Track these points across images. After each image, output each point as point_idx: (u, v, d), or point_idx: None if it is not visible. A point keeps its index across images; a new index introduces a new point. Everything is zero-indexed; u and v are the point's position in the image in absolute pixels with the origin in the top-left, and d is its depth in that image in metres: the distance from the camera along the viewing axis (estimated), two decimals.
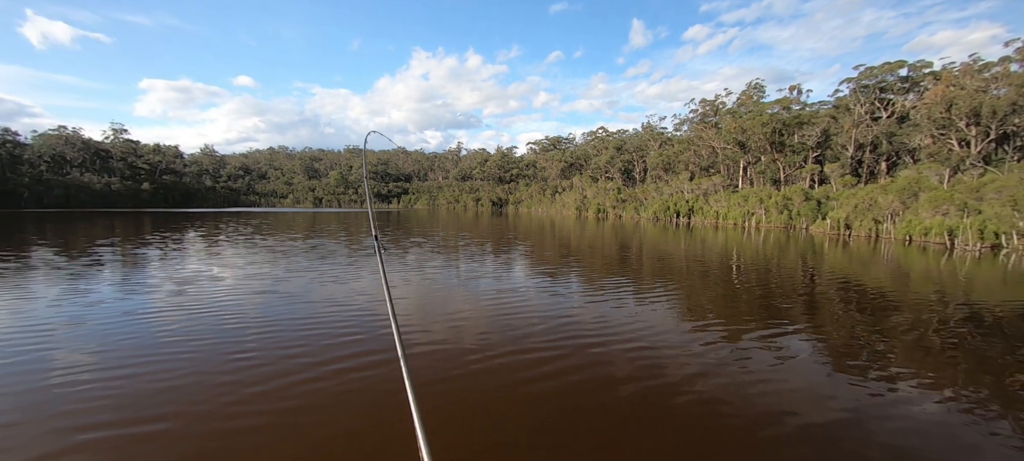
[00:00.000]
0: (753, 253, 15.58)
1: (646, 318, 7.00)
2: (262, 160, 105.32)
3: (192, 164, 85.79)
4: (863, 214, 21.91)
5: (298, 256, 13.83)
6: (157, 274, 10.50)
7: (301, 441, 3.64)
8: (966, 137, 26.55)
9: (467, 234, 23.07)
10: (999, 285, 9.86)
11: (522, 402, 4.15)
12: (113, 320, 6.71)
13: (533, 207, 64.60)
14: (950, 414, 3.96)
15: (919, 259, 13.94)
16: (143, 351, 5.54)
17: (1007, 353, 5.49)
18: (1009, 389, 4.47)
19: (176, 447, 3.58)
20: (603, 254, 15.27)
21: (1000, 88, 26.11)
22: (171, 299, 8.02)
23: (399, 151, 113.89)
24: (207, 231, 23.35)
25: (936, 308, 7.75)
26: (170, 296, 8.29)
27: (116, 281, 9.61)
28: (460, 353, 5.34)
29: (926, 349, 5.66)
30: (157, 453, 3.47)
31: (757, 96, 42.65)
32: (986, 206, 18.17)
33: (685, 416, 3.90)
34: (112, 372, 4.89)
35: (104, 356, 5.33)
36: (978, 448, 3.43)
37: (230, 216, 40.61)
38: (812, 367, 5.07)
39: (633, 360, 5.19)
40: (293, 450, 3.49)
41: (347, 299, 8.22)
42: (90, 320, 6.68)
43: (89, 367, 4.97)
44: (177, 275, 10.39)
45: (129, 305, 7.57)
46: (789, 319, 7.02)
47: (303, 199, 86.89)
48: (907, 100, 34.34)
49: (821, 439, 3.53)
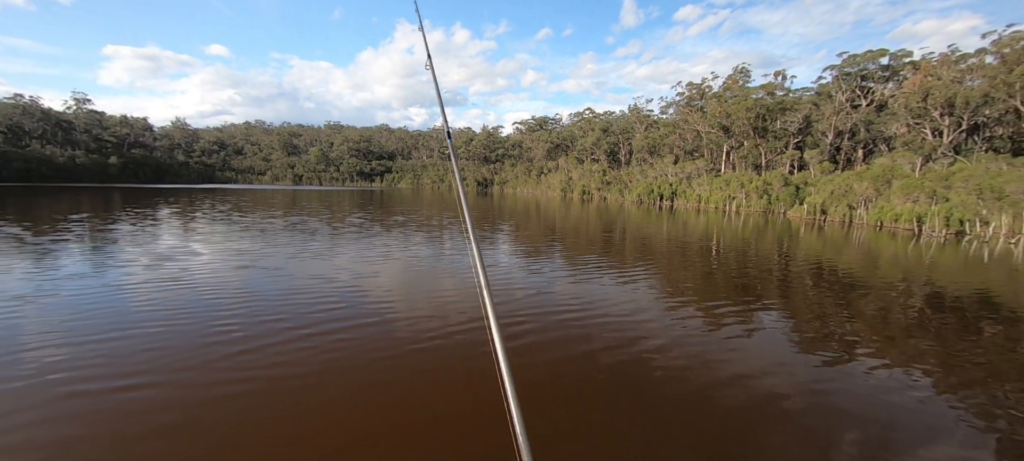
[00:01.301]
0: (732, 236, 15.97)
1: (627, 296, 7.16)
2: (238, 135, 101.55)
3: (163, 138, 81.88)
4: (839, 200, 22.60)
5: (279, 233, 13.56)
6: (131, 249, 10.17)
7: (284, 402, 3.66)
8: (939, 127, 27.41)
9: (452, 214, 22.95)
10: (960, 270, 10.38)
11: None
12: (89, 292, 6.55)
13: (519, 187, 64.47)
14: (906, 388, 4.21)
15: (888, 244, 14.53)
16: (122, 320, 5.48)
17: (961, 333, 5.82)
18: (960, 366, 4.77)
19: (160, 405, 3.59)
20: (587, 235, 15.42)
21: (974, 79, 26.91)
22: (148, 273, 7.83)
23: (382, 128, 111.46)
24: (182, 208, 22.63)
25: (900, 290, 8.13)
26: (147, 270, 8.09)
27: (89, 256, 9.29)
28: (443, 326, 5.38)
29: (888, 328, 5.96)
30: (141, 411, 3.47)
31: (743, 80, 42.96)
32: (953, 194, 18.95)
33: (659, 387, 4.05)
34: (91, 338, 4.83)
35: (82, 324, 5.24)
36: (930, 417, 3.67)
37: (205, 193, 39.35)
38: (781, 344, 5.30)
39: (613, 335, 5.33)
40: (277, 411, 3.51)
41: (330, 274, 8.16)
42: (65, 292, 6.50)
43: (67, 334, 4.87)
44: (153, 251, 10.09)
45: (104, 278, 7.37)
46: (762, 299, 7.28)
47: (282, 176, 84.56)
48: (886, 89, 35.12)
49: (785, 409, 3.72)
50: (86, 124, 66.33)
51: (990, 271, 10.16)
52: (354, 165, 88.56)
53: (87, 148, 63.13)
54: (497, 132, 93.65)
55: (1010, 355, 5.07)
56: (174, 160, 76.32)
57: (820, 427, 3.50)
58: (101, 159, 62.13)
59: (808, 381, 4.30)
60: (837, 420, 3.61)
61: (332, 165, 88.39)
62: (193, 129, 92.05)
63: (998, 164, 20.84)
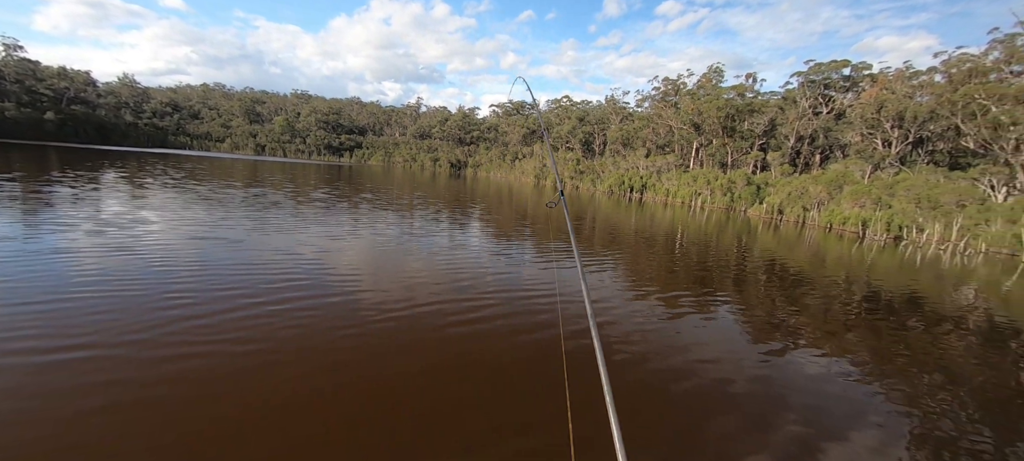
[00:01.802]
0: (695, 230, 16.60)
1: (591, 283, 7.34)
2: (194, 97, 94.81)
3: (108, 95, 74.86)
4: (795, 201, 23.88)
5: (238, 205, 12.92)
6: (73, 214, 9.43)
7: (244, 371, 3.56)
8: (889, 138, 29.30)
9: (424, 194, 22.60)
10: (895, 271, 11.27)
11: (476, 359, 4.27)
12: (23, 255, 6.04)
13: (492, 172, 64.12)
14: (841, 376, 4.57)
15: (835, 245, 15.54)
16: (63, 285, 5.14)
17: (891, 329, 6.36)
18: (889, 359, 5.22)
19: (107, 373, 3.41)
20: (557, 223, 15.61)
21: (923, 96, 28.88)
22: (92, 239, 7.29)
23: (353, 101, 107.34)
24: (130, 173, 21.11)
25: (842, 288, 8.75)
26: (90, 236, 7.54)
27: (24, 219, 8.53)
28: (415, 320, 5.34)
29: (829, 322, 6.43)
30: (85, 379, 3.31)
31: (716, 80, 44.14)
32: (896, 202, 20.43)
33: (618, 370, 4.21)
34: (27, 303, 4.49)
35: (16, 288, 4.84)
36: (859, 403, 4.02)
37: (157, 158, 36.82)
38: (733, 333, 5.61)
39: (577, 321, 5.46)
40: (237, 380, 3.43)
41: (291, 248, 7.89)
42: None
43: (2, 300, 4.49)
44: (97, 216, 9.39)
45: (41, 243, 6.80)
46: (719, 291, 7.65)
47: (243, 145, 79.99)
48: (846, 98, 37.13)
49: (733, 393, 3.97)
50: (17, 74, 59.74)
51: (921, 274, 11.09)
52: (322, 138, 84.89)
53: (19, 101, 57.07)
54: (473, 113, 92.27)
55: (931, 350, 5.59)
56: (121, 120, 70.25)
57: (763, 411, 3.76)
58: (35, 114, 56.40)
59: (755, 368, 4.59)
60: (778, 404, 3.89)
61: (298, 136, 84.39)
62: (143, 88, 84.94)
63: (936, 176, 22.58)
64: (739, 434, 3.39)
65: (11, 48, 61.28)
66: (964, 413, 4.01)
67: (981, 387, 4.59)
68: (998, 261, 13.91)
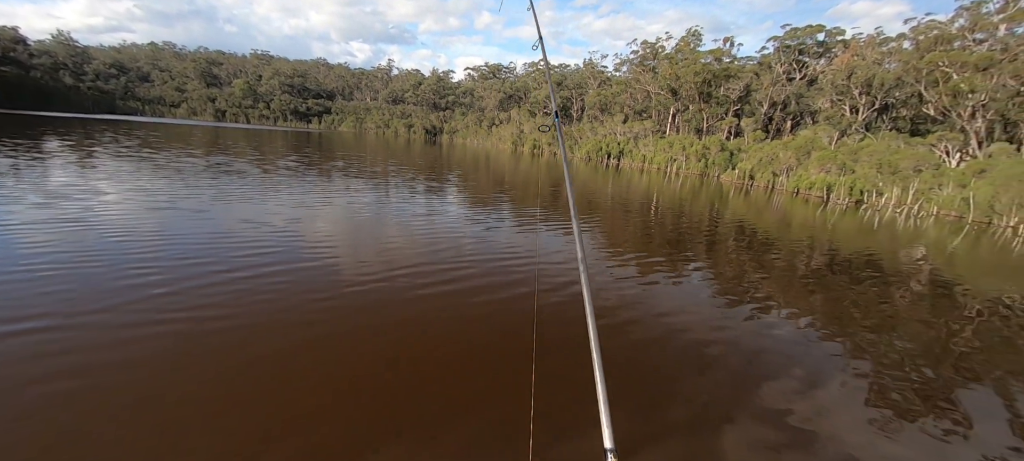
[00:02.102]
0: (670, 196, 16.91)
1: (569, 249, 7.41)
2: (142, 58, 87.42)
3: (42, 54, 67.96)
4: (765, 167, 24.56)
5: (200, 174, 12.24)
6: (12, 185, 8.70)
7: (211, 342, 3.47)
8: (857, 105, 30.18)
9: (397, 162, 22.00)
10: (855, 234, 11.87)
11: (454, 324, 4.27)
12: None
13: (468, 138, 62.88)
14: (805, 334, 4.84)
15: (801, 209, 16.19)
16: (9, 259, 4.82)
17: (849, 287, 6.74)
18: (846, 315, 5.55)
19: (63, 348, 3.27)
20: (535, 190, 15.56)
21: (892, 62, 29.62)
22: (39, 212, 6.79)
23: (319, 63, 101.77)
24: (76, 142, 19.59)
25: (805, 250, 9.17)
26: (37, 208, 7.03)
27: None
28: (390, 287, 5.27)
29: (792, 282, 6.75)
30: (40, 355, 3.16)
31: (694, 44, 43.90)
32: (859, 167, 21.30)
33: None
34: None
35: None
36: (821, 358, 4.28)
37: (105, 124, 34.23)
38: (705, 295, 5.82)
39: (558, 292, 5.52)
40: (204, 350, 3.34)
41: (259, 217, 7.60)
42: None
43: None
44: (43, 187, 8.71)
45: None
46: (692, 255, 7.88)
47: (201, 111, 75.22)
48: (819, 64, 37.73)
49: (706, 354, 4.15)
50: None
51: (877, 236, 11.72)
52: (287, 103, 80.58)
53: None
54: (447, 77, 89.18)
55: (881, 307, 5.97)
56: (60, 83, 64.24)
57: (734, 370, 3.95)
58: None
59: (726, 329, 4.79)
60: (748, 363, 4.09)
61: (261, 101, 79.76)
62: (82, 47, 77.56)
63: (897, 142, 23.57)
64: (711, 392, 3.56)
65: None
66: (909, 361, 4.33)
67: (927, 339, 4.96)
68: (947, 223, 14.84)
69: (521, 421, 2.89)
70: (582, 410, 3.08)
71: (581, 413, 3.06)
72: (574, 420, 3.00)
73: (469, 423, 2.94)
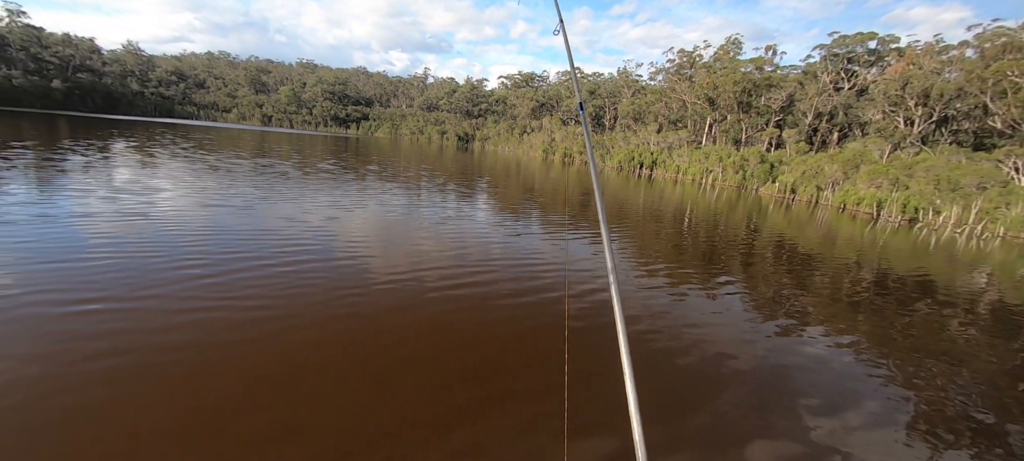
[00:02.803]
0: (705, 209, 16.38)
1: (599, 261, 7.31)
2: (199, 66, 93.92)
3: (113, 63, 74.17)
4: (809, 181, 23.36)
5: (246, 174, 12.98)
6: (87, 181, 9.56)
7: (255, 328, 3.67)
8: (912, 116, 28.27)
9: (430, 168, 22.49)
10: (907, 254, 11.07)
11: (483, 331, 4.31)
12: (43, 221, 6.18)
13: (500, 145, 63.42)
14: (845, 356, 4.55)
15: (848, 225, 15.27)
16: (80, 247, 5.36)
17: (899, 311, 6.29)
18: (892, 341, 5.18)
19: (119, 322, 3.58)
20: (565, 198, 15.48)
21: (952, 72, 27.55)
22: (106, 205, 7.44)
23: (359, 71, 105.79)
24: (140, 142, 21.24)
25: (852, 270, 8.63)
26: (104, 202, 7.77)
27: (41, 185, 8.70)
28: (420, 285, 5.39)
29: (835, 302, 6.37)
30: (101, 326, 3.47)
31: (734, 52, 42.57)
32: (914, 183, 19.89)
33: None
34: (48, 262, 4.69)
35: (38, 249, 5.03)
36: (860, 383, 4.01)
37: (164, 127, 36.95)
38: (738, 312, 5.59)
39: (584, 299, 5.47)
40: (246, 334, 3.54)
41: (299, 216, 7.99)
42: (13, 217, 6.09)
43: (20, 259, 4.61)
44: (110, 184, 9.52)
45: (59, 209, 6.95)
46: (727, 269, 7.59)
47: (250, 116, 79.73)
48: (869, 74, 35.60)
49: (736, 369, 3.98)
50: (22, 41, 59.14)
51: (933, 257, 10.88)
52: (328, 109, 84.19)
53: (25, 69, 56.84)
54: (481, 85, 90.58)
55: (936, 335, 5.53)
56: (127, 89, 70.01)
57: (765, 388, 3.77)
58: (43, 82, 56.23)
59: (759, 346, 4.58)
60: (780, 382, 3.89)
61: (304, 107, 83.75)
62: (148, 56, 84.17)
63: (958, 157, 21.86)
64: (741, 409, 3.41)
65: (14, 14, 60.41)
66: (965, 398, 3.98)
67: (985, 373, 4.55)
68: (1016, 246, 13.58)
69: (547, 420, 2.88)
70: (610, 419, 3.03)
71: (609, 422, 3.01)
72: (602, 426, 2.96)
73: (499, 420, 2.96)
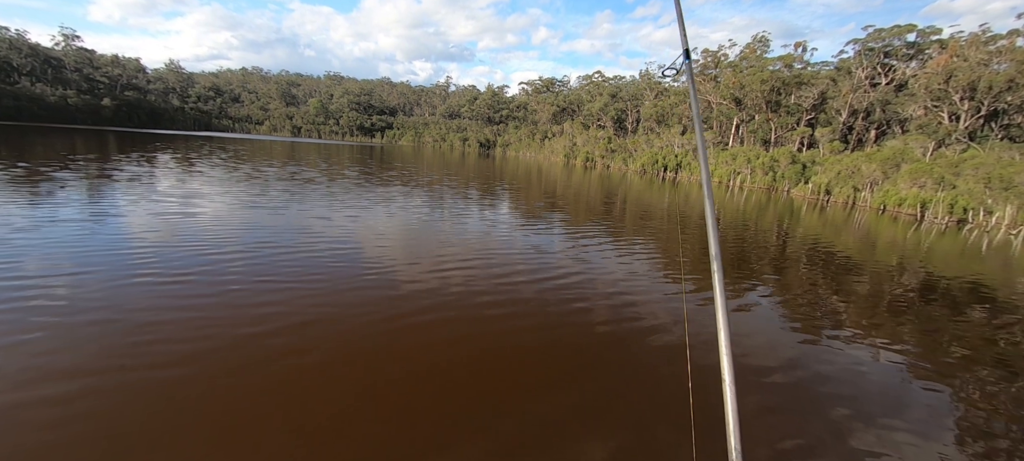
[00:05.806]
0: (733, 211, 15.88)
1: (625, 267, 7.19)
2: (235, 81, 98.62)
3: (157, 80, 79.33)
4: (844, 181, 22.32)
5: (280, 183, 13.48)
6: (137, 188, 10.15)
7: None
8: (957, 111, 26.65)
9: (453, 175, 22.74)
10: (956, 258, 10.39)
11: (506, 339, 4.30)
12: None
13: (521, 151, 63.57)
14: (886, 366, 4.29)
15: (888, 228, 14.48)
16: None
17: (949, 318, 5.89)
18: (941, 351, 4.85)
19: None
20: (587, 203, 15.34)
21: (1002, 63, 25.75)
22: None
23: (384, 81, 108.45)
24: (182, 155, 22.42)
25: (894, 275, 8.16)
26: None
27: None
28: (445, 291, 5.43)
29: (878, 312, 6.02)
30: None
31: (761, 50, 41.34)
32: (961, 182, 18.69)
33: (654, 359, 4.13)
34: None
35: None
36: (903, 395, 3.77)
37: (202, 140, 38.88)
38: (771, 319, 5.37)
39: (610, 305, 5.38)
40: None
41: (325, 217, 8.21)
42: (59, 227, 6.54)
43: (83, 267, 4.93)
44: (176, 190, 10.08)
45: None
46: (757, 276, 7.32)
47: (280, 127, 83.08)
48: (909, 67, 33.74)
49: (771, 381, 3.81)
50: (76, 62, 63.90)
51: (986, 261, 10.17)
52: (354, 119, 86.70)
53: (78, 88, 61.19)
54: (502, 92, 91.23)
55: (990, 345, 5.14)
56: (169, 105, 74.32)
57: (800, 398, 3.60)
58: (93, 100, 60.39)
59: (792, 355, 4.38)
60: (815, 393, 3.70)
61: (331, 118, 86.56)
62: (188, 73, 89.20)
63: (1011, 153, 20.45)
64: (774, 418, 3.26)
65: (70, 38, 65.28)
66: (1022, 412, 3.68)
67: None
68: None
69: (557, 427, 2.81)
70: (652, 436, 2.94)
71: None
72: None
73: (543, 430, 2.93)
